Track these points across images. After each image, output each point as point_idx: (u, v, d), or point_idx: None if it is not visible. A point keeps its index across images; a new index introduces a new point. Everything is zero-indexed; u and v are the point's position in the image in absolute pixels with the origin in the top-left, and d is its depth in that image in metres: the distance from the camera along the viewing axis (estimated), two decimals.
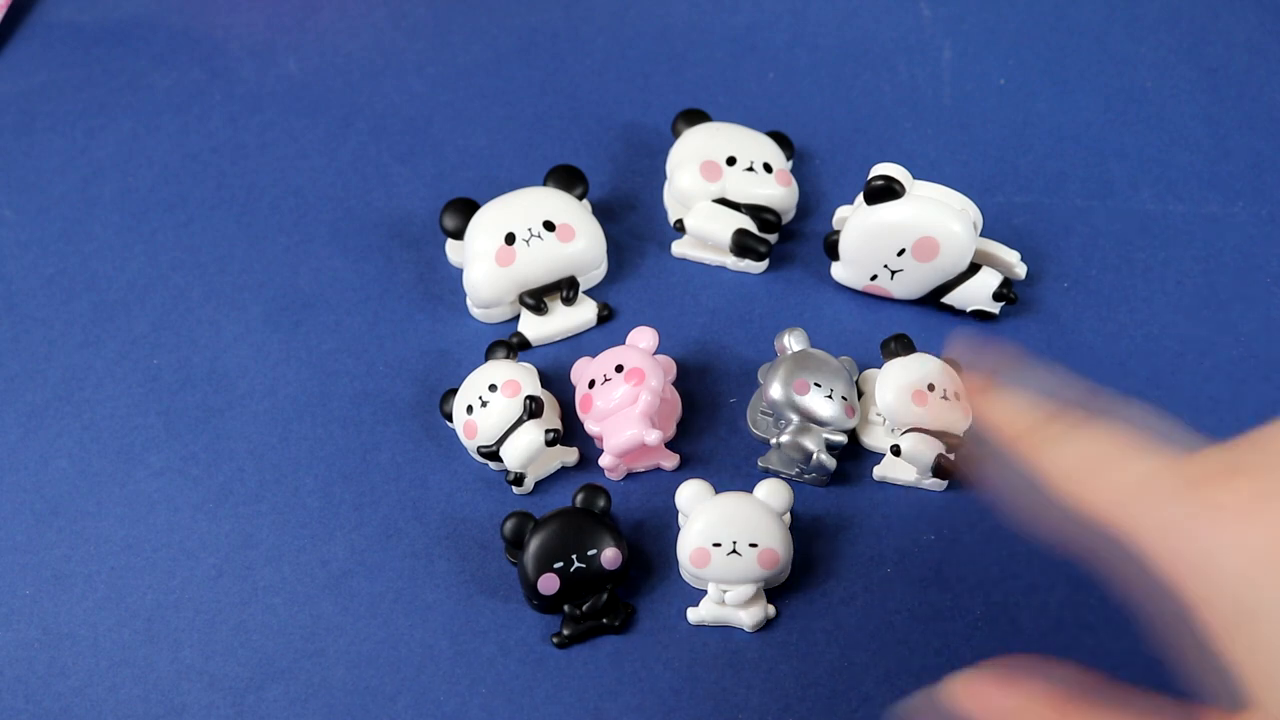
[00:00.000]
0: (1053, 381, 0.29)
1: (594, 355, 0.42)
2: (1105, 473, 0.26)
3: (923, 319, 0.45)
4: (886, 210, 0.41)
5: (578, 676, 0.38)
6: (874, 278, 0.44)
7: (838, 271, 0.45)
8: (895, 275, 0.43)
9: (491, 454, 0.40)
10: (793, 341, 0.41)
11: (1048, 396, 0.29)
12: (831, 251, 0.44)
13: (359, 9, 0.57)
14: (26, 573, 0.41)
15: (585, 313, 0.45)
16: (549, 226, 0.44)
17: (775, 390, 0.39)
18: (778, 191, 0.45)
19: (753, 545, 0.37)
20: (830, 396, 0.39)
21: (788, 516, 0.39)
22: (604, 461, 0.41)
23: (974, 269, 0.43)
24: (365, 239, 0.48)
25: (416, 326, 0.46)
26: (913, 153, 0.50)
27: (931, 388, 0.40)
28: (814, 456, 0.39)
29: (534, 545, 0.37)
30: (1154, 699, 0.24)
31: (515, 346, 0.43)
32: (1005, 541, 0.39)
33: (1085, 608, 0.38)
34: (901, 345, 0.41)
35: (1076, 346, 0.44)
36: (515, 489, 0.41)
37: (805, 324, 0.42)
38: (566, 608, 0.38)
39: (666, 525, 0.40)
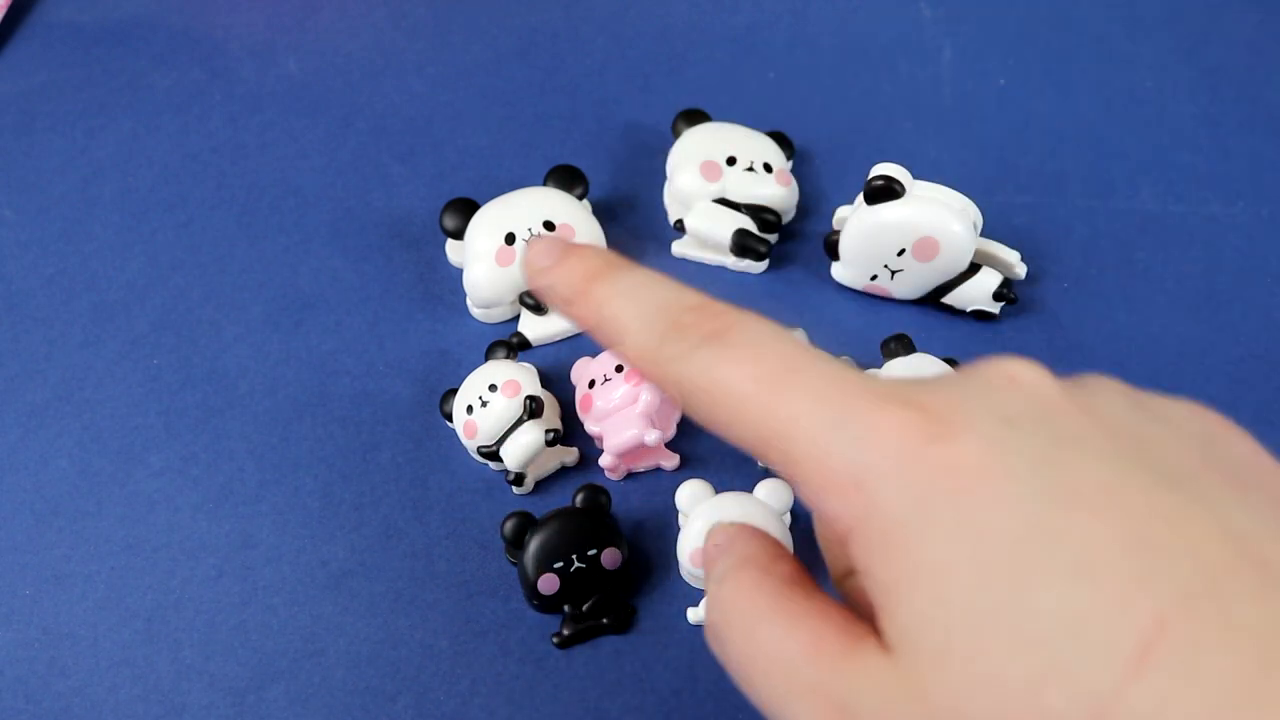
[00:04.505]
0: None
1: (594, 355, 0.42)
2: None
3: (923, 319, 0.45)
4: (886, 210, 0.41)
5: (578, 676, 0.38)
6: (874, 278, 0.44)
7: (838, 271, 0.45)
8: (895, 275, 0.43)
9: (491, 454, 0.40)
10: None
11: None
12: (831, 251, 0.44)
13: (359, 9, 0.57)
14: (26, 573, 0.41)
15: None
16: (549, 226, 0.44)
17: None
18: (778, 191, 0.45)
19: None
20: None
21: (788, 516, 0.38)
22: (604, 461, 0.41)
23: (974, 269, 0.43)
24: (365, 239, 0.48)
25: (416, 326, 0.46)
26: (913, 153, 0.50)
27: None
28: None
29: (534, 545, 0.37)
30: None
31: (515, 346, 0.43)
32: None
33: None
34: (901, 345, 0.41)
35: (1076, 346, 0.44)
36: (515, 489, 0.41)
37: (805, 324, 0.42)
38: (566, 608, 0.38)
39: (666, 525, 0.40)
